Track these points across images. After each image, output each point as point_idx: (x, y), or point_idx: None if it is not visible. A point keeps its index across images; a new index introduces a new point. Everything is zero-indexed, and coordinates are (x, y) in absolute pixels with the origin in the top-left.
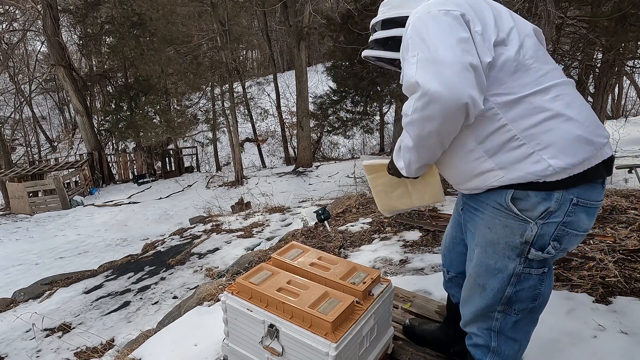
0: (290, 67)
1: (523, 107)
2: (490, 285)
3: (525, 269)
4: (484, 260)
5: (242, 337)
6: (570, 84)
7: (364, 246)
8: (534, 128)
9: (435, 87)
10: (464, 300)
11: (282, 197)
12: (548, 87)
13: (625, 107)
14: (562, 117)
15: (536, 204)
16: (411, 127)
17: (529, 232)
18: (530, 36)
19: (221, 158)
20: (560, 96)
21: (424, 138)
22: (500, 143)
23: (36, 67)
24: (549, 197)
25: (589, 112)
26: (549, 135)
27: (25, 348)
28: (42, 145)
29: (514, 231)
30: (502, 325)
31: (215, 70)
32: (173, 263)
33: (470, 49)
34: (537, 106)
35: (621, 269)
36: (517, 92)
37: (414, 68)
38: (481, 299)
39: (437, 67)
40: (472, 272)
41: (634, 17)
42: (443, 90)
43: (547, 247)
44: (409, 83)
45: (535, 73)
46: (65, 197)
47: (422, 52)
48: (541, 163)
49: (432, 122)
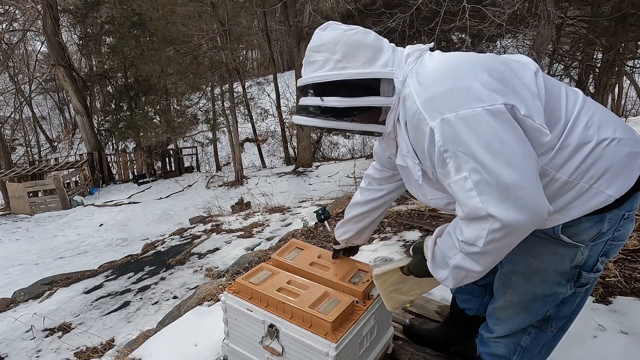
0: (290, 67)
1: (565, 153)
2: (535, 308)
3: (573, 291)
4: (529, 290)
5: (242, 337)
6: (580, 94)
7: (363, 246)
8: (582, 165)
9: (516, 217)
10: (497, 319)
11: (282, 197)
12: (575, 118)
13: (625, 107)
14: (604, 142)
15: (588, 228)
16: (483, 257)
17: (579, 256)
18: (537, 72)
19: (221, 158)
20: (590, 120)
21: (498, 260)
22: (553, 192)
23: (36, 67)
24: (601, 219)
25: (617, 120)
26: (599, 165)
27: (25, 348)
28: (42, 145)
29: (563, 258)
30: (532, 342)
31: (215, 70)
32: (173, 263)
33: (528, 149)
34: (576, 145)
35: (621, 269)
36: (555, 142)
37: (474, 195)
38: (522, 320)
39: (508, 192)
40: (514, 299)
41: (634, 17)
42: (525, 218)
43: (596, 265)
44: (474, 214)
45: (559, 112)
46: (65, 197)
47: (476, 172)
48: (600, 196)
49: (511, 247)
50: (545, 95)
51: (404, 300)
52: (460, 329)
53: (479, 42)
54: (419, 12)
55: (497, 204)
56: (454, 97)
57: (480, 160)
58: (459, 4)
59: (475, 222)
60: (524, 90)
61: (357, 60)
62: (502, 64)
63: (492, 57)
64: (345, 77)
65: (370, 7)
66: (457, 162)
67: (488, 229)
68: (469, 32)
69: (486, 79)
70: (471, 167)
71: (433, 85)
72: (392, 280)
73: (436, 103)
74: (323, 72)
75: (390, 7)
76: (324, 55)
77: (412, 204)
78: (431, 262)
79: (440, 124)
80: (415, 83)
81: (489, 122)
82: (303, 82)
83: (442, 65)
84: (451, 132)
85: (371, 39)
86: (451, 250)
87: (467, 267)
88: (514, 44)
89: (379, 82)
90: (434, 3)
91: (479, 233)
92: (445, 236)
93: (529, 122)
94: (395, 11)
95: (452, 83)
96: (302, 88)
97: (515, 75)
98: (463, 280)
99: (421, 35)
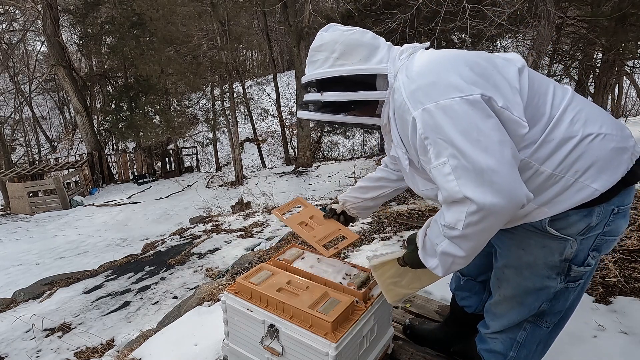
0: (290, 67)
1: (549, 147)
2: (528, 302)
3: (564, 285)
4: (521, 283)
5: (242, 337)
6: (569, 91)
7: (363, 246)
8: (566, 159)
9: (492, 200)
10: (493, 315)
11: (282, 197)
12: (560, 114)
13: (625, 107)
14: (589, 137)
15: (576, 221)
16: (464, 240)
17: (568, 250)
18: (522, 69)
19: (221, 158)
20: (575, 116)
21: (480, 246)
22: (538, 185)
23: (36, 67)
24: (590, 213)
25: (606, 117)
26: (584, 159)
27: (25, 348)
28: (42, 145)
29: (552, 251)
30: (528, 337)
31: (215, 70)
32: (173, 263)
33: (504, 137)
34: (560, 139)
35: (621, 269)
36: (538, 136)
37: (452, 179)
38: (517, 314)
39: (484, 176)
40: (508, 293)
41: (634, 17)
42: (500, 201)
43: (587, 259)
44: (451, 197)
45: (544, 108)
46: (65, 197)
47: (454, 158)
48: (585, 190)
49: (490, 231)
50: (529, 90)
51: (403, 293)
52: (461, 329)
53: (479, 42)
54: (419, 12)
55: (473, 187)
56: (436, 89)
57: (457, 146)
58: (459, 4)
59: (455, 206)
60: (504, 85)
61: (354, 57)
62: (486, 60)
63: (478, 54)
64: (343, 73)
65: (370, 7)
66: (437, 148)
67: (466, 211)
68: (469, 32)
69: (467, 73)
70: (449, 152)
71: (418, 79)
72: (391, 272)
73: (419, 95)
74: (323, 69)
75: (390, 7)
76: (324, 54)
77: (412, 204)
78: (422, 251)
79: (422, 113)
80: (404, 77)
81: (466, 111)
82: (306, 80)
83: (428, 61)
84: (431, 121)
85: (368, 38)
86: (438, 237)
87: (452, 252)
88: (514, 44)
89: (375, 78)
90: (434, 3)
91: (458, 216)
92: (433, 224)
93: (506, 113)
94: (396, 11)
95: (435, 76)
96: (304, 85)
97: (498, 71)
98: (451, 267)
99: (421, 35)
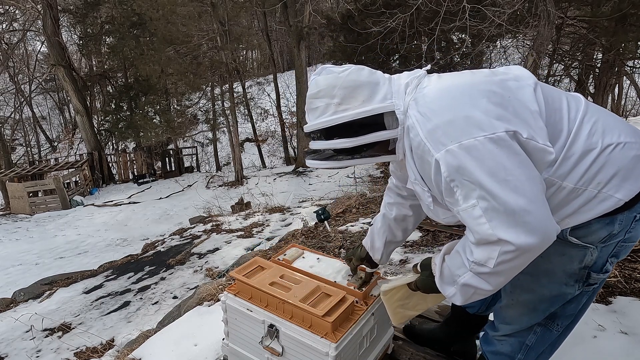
0: (290, 67)
1: (569, 162)
2: (541, 308)
3: (580, 291)
4: (537, 290)
5: (242, 337)
6: (581, 101)
7: None
8: (588, 172)
9: (526, 240)
10: (503, 318)
11: (282, 197)
12: (577, 127)
13: (625, 107)
14: (609, 148)
15: (598, 229)
16: (493, 277)
17: (588, 257)
18: (535, 87)
19: (221, 158)
20: (593, 127)
21: (507, 281)
22: (560, 200)
23: (36, 67)
24: (612, 221)
25: (622, 124)
26: (606, 170)
27: (25, 348)
28: (42, 145)
29: (572, 258)
30: (538, 340)
31: (215, 70)
32: (173, 263)
33: (532, 172)
34: (581, 153)
35: (621, 269)
36: (559, 154)
37: (484, 222)
38: (529, 319)
39: (515, 217)
40: (521, 299)
41: (634, 17)
42: (535, 241)
43: (605, 265)
44: (484, 239)
45: (561, 124)
46: (65, 197)
47: (484, 199)
48: (609, 200)
49: (521, 268)
50: (546, 109)
51: (409, 315)
52: (461, 329)
53: (479, 42)
54: (419, 12)
55: (506, 229)
56: (455, 128)
57: (486, 188)
58: (459, 4)
59: (486, 245)
60: (524, 111)
61: (356, 100)
62: (500, 86)
63: (489, 79)
64: (349, 119)
65: (370, 7)
66: (464, 190)
67: (499, 250)
68: (469, 32)
69: (485, 105)
70: (478, 194)
71: (434, 117)
72: (399, 295)
73: (439, 135)
74: (326, 117)
75: (390, 7)
76: (324, 100)
77: None
78: (439, 279)
79: (445, 155)
80: (416, 114)
81: (491, 150)
82: (309, 129)
83: (440, 95)
84: (456, 162)
85: (366, 76)
86: (460, 269)
87: (477, 285)
88: (514, 44)
89: (382, 117)
90: (434, 3)
91: (490, 254)
92: (454, 255)
93: (532, 144)
94: (395, 11)
95: (452, 113)
96: (308, 134)
97: (514, 96)
98: (472, 297)
99: (421, 35)
